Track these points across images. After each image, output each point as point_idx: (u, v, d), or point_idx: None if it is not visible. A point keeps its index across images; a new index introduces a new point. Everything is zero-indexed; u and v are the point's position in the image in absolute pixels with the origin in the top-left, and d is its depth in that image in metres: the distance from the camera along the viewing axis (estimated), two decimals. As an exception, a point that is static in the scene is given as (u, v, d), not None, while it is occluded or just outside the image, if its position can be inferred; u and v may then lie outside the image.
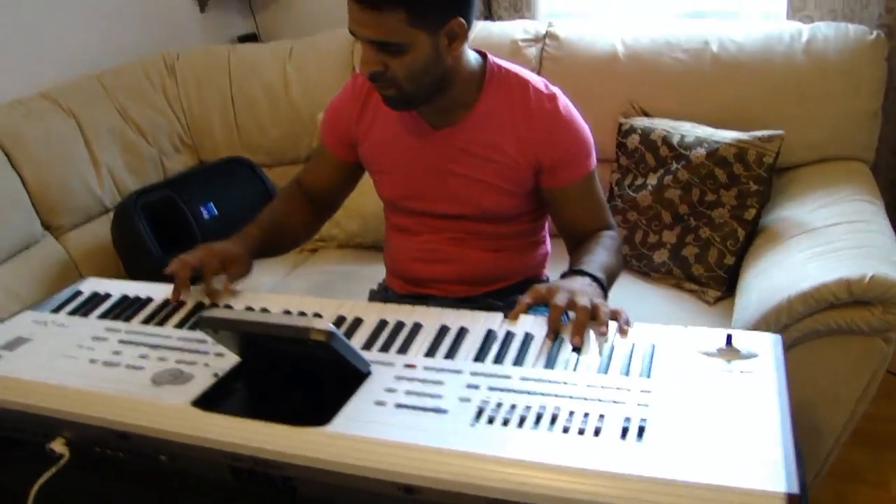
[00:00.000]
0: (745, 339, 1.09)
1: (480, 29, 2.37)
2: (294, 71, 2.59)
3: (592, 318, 1.16)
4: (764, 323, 1.50)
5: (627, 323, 1.16)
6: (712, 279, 1.90)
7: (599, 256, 1.39)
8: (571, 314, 1.18)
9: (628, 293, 1.67)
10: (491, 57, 1.48)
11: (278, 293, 1.40)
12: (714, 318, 1.81)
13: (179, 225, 2.28)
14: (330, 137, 1.63)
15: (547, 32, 2.29)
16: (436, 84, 1.37)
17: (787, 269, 1.59)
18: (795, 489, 0.81)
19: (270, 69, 2.61)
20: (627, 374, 1.04)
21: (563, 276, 1.36)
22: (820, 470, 1.62)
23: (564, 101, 1.46)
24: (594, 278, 1.30)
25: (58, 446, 1.13)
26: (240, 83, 2.63)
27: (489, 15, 2.72)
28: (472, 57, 1.45)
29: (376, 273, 2.03)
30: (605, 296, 1.31)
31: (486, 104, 1.45)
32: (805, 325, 1.48)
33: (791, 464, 0.85)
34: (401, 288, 1.65)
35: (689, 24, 2.19)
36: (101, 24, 2.68)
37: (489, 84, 1.45)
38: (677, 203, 1.96)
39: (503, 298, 1.56)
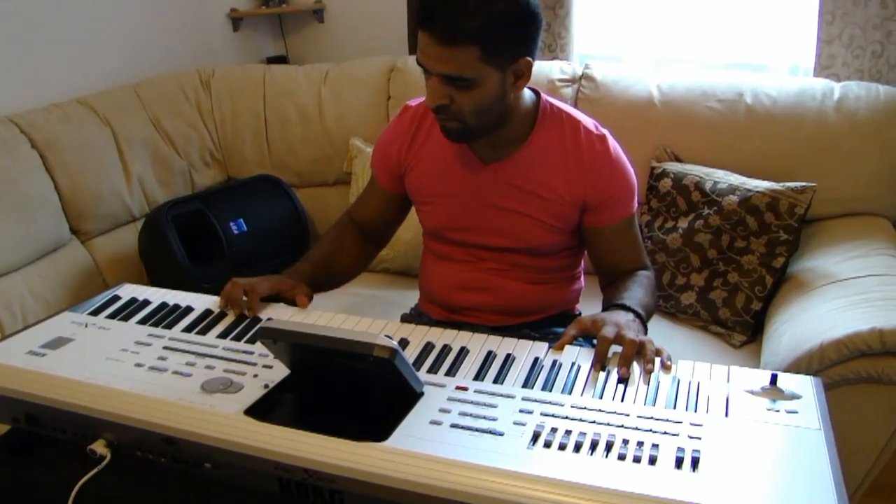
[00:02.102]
0: (787, 381, 1.11)
1: (517, 66, 2.41)
2: (329, 95, 2.62)
3: (638, 353, 1.18)
4: (794, 368, 1.52)
5: (670, 359, 1.18)
6: (739, 323, 1.92)
7: (637, 293, 1.42)
8: (617, 347, 1.20)
9: (654, 333, 1.67)
10: (544, 95, 1.51)
11: (321, 311, 1.42)
12: (740, 362, 1.82)
13: (208, 238, 2.29)
14: (380, 171, 1.65)
15: (583, 74, 2.34)
16: (497, 120, 1.40)
17: (817, 317, 1.62)
18: (850, 528, 0.83)
19: (305, 92, 2.64)
20: (675, 407, 1.06)
21: (606, 308, 1.38)
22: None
23: (614, 144, 1.49)
24: (636, 314, 1.33)
25: (99, 448, 1.13)
26: (273, 103, 2.66)
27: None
28: (526, 94, 1.48)
29: (403, 298, 2.05)
30: (645, 332, 1.34)
31: (538, 141, 1.48)
32: (835, 371, 1.50)
33: (844, 501, 0.87)
34: (436, 314, 1.66)
35: (724, 76, 2.24)
36: (138, 37, 2.72)
37: (541, 122, 1.48)
38: (707, 247, 1.98)
39: (538, 330, 1.58)
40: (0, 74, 2.27)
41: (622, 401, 1.08)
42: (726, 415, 1.04)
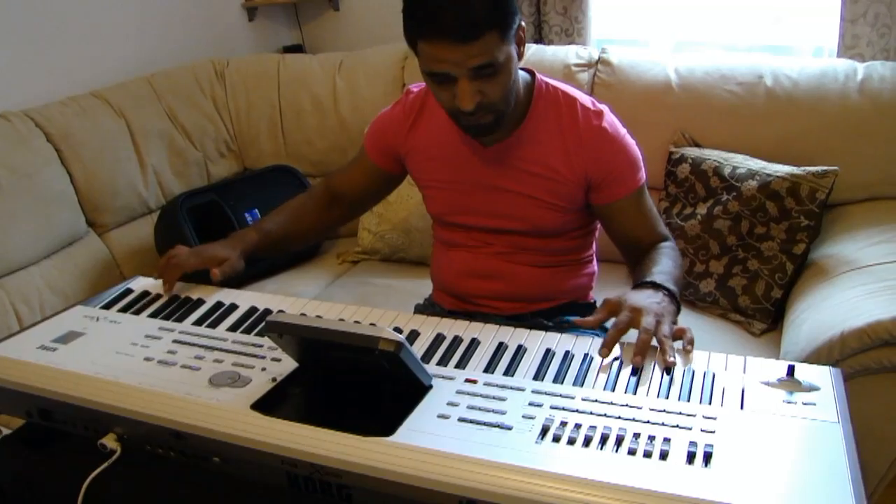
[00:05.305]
0: (804, 372, 1.08)
1: (533, 52, 2.38)
2: (343, 84, 2.61)
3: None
4: (815, 357, 1.49)
5: (691, 342, 1.16)
6: (759, 311, 1.88)
7: (665, 266, 1.38)
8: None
9: (673, 321, 1.67)
10: (538, 74, 1.49)
11: (332, 302, 1.41)
12: (760, 350, 1.79)
13: (223, 229, 2.27)
14: (373, 146, 1.65)
15: (600, 58, 2.30)
16: (515, 96, 1.39)
17: (838, 305, 1.58)
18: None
19: (319, 81, 2.63)
20: (688, 400, 1.04)
21: (636, 286, 1.34)
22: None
23: (611, 118, 1.47)
24: (667, 291, 1.30)
25: (110, 442, 1.13)
26: (288, 93, 2.65)
27: (540, 39, 2.73)
28: (521, 74, 1.46)
29: (418, 288, 2.03)
30: (678, 305, 1.31)
31: (535, 121, 1.46)
32: (857, 361, 1.46)
33: (861, 498, 0.84)
34: (449, 304, 1.65)
35: (743, 58, 2.19)
36: (152, 28, 2.72)
37: (537, 101, 1.46)
38: (726, 234, 1.95)
39: (551, 318, 1.56)
40: (15, 69, 2.28)
41: (634, 393, 1.06)
42: (741, 407, 1.01)
